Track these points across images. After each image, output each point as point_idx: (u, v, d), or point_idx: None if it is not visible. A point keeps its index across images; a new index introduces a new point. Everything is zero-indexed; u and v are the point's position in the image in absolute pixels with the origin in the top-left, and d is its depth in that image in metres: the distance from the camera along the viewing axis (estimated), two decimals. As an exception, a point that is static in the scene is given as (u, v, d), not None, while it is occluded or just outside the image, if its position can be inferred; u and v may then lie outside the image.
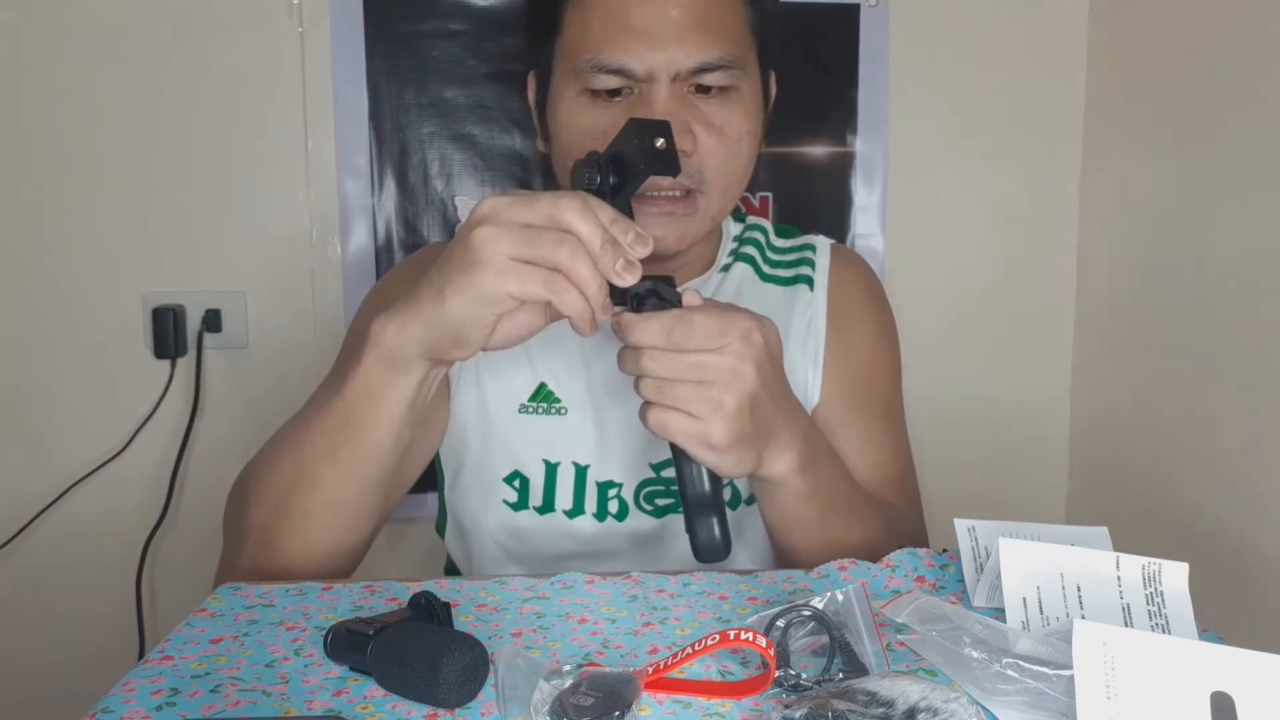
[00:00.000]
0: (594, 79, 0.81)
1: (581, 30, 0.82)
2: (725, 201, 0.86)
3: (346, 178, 1.34)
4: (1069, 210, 1.45)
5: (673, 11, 0.80)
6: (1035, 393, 1.48)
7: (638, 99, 0.81)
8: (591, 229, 0.61)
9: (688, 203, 0.83)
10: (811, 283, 0.96)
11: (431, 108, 1.34)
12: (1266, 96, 1.06)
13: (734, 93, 0.83)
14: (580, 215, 0.61)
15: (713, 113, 0.82)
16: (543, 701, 0.50)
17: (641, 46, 0.80)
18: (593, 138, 0.81)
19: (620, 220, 0.63)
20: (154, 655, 0.59)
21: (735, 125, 0.83)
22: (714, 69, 0.81)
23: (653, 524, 0.91)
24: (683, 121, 0.80)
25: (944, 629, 0.58)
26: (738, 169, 0.85)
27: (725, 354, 0.65)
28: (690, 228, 0.84)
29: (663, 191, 0.82)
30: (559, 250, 0.61)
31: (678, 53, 0.80)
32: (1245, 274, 1.09)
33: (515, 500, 0.90)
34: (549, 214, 0.62)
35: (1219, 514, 1.14)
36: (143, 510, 1.35)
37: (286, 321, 1.37)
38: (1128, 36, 1.34)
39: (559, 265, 0.61)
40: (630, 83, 0.81)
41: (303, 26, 1.32)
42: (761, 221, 1.01)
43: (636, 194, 0.82)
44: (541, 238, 0.61)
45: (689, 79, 0.81)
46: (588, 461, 0.90)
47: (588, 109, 0.82)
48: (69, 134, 1.31)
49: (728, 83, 0.82)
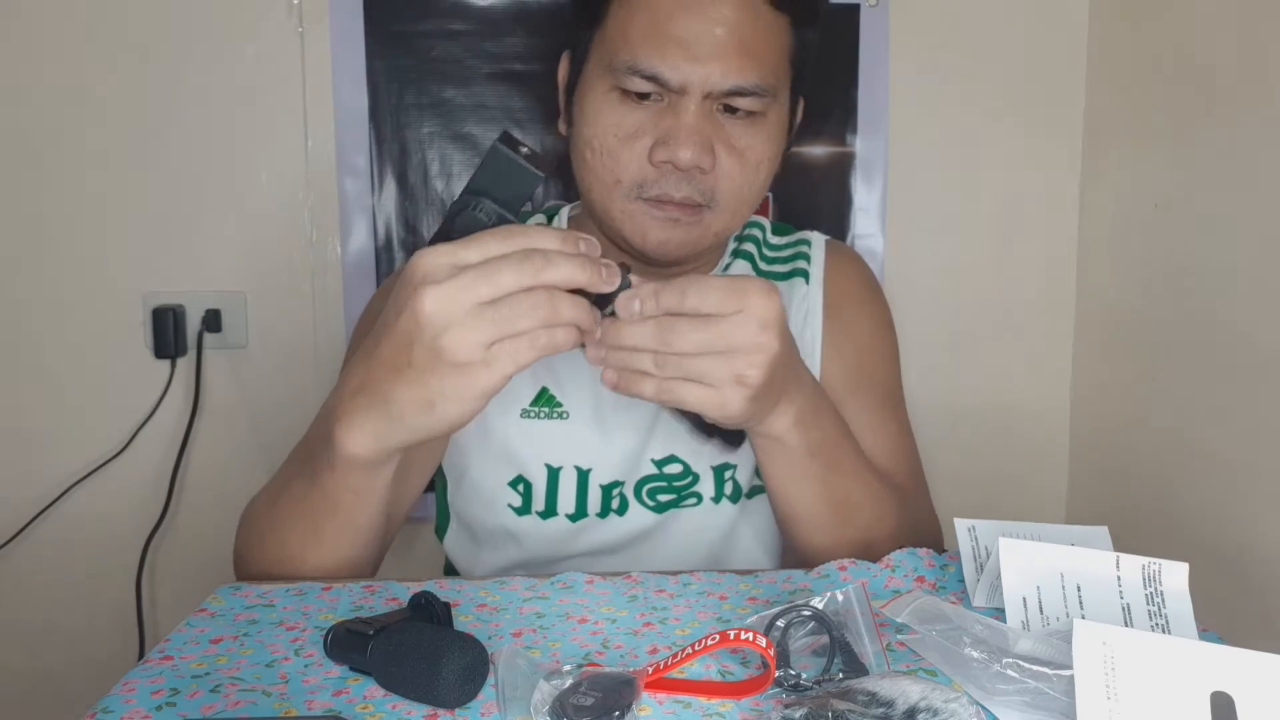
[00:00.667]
0: (627, 80, 0.81)
1: (623, 28, 0.81)
2: (734, 220, 0.87)
3: (346, 178, 1.34)
4: (1069, 210, 1.45)
5: (718, 29, 0.79)
6: (1035, 393, 1.48)
7: (667, 108, 0.81)
8: (561, 267, 0.58)
9: (695, 214, 0.83)
10: (807, 276, 0.96)
11: (431, 108, 1.34)
12: (1266, 96, 1.06)
13: (761, 119, 0.83)
14: (533, 258, 0.57)
15: (736, 135, 0.82)
16: (543, 701, 0.50)
17: (680, 58, 0.79)
18: (616, 135, 0.81)
19: (565, 236, 0.59)
20: (154, 655, 0.59)
21: (757, 150, 0.83)
22: (747, 94, 0.81)
23: (653, 519, 0.91)
24: (706, 138, 0.80)
25: (944, 629, 0.58)
26: (752, 193, 0.86)
27: (747, 320, 0.62)
28: (695, 237, 0.85)
29: (675, 199, 0.82)
30: (535, 312, 0.57)
31: (715, 71, 0.79)
32: (1245, 274, 1.09)
33: (519, 505, 0.90)
34: (497, 255, 0.58)
35: (1219, 514, 1.14)
36: (143, 510, 1.35)
37: (286, 321, 1.37)
38: (1128, 36, 1.34)
39: (543, 323, 0.58)
40: (662, 90, 0.80)
41: (303, 26, 1.32)
42: (759, 219, 1.02)
43: (648, 196, 0.82)
44: (511, 306, 0.57)
45: (721, 98, 0.81)
46: (590, 465, 0.90)
47: (616, 107, 0.82)
48: (68, 134, 1.31)
49: (758, 109, 0.82)
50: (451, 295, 0.57)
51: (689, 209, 0.83)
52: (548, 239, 0.59)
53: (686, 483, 0.91)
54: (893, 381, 0.98)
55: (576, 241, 0.59)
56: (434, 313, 0.58)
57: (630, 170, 0.82)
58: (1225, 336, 1.13)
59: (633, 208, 0.83)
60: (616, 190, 0.83)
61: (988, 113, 1.43)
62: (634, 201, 0.83)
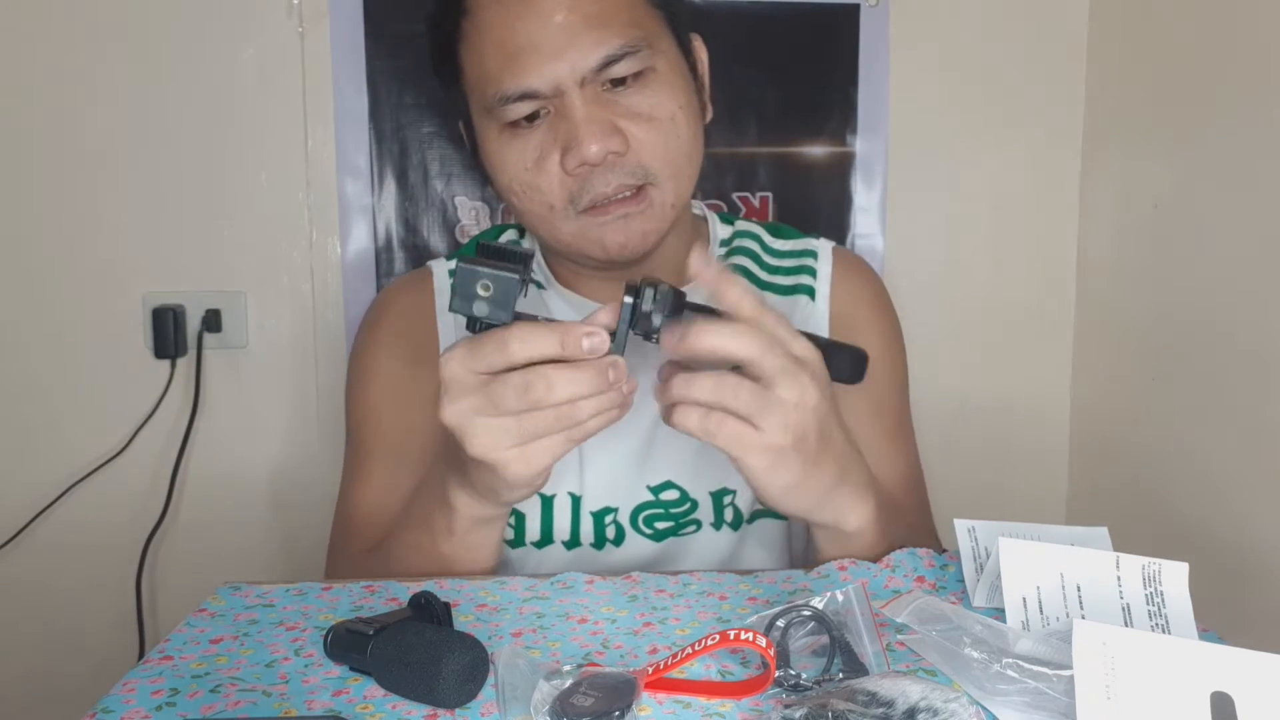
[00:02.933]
0: (505, 111, 0.78)
1: (479, 67, 0.80)
2: (680, 186, 0.82)
3: (346, 178, 1.34)
4: (1069, 210, 1.45)
5: (557, 17, 0.76)
6: (1035, 392, 1.48)
7: (556, 116, 0.78)
8: (561, 389, 0.60)
9: (639, 199, 0.80)
10: (813, 293, 0.93)
11: (431, 108, 1.34)
12: (1267, 96, 1.06)
13: (651, 74, 0.79)
14: (536, 387, 0.59)
15: (634, 102, 0.79)
16: (543, 701, 0.50)
17: (537, 63, 0.76)
18: (525, 168, 0.79)
19: (568, 336, 0.60)
20: (154, 655, 0.60)
21: (663, 106, 0.80)
22: (618, 59, 0.77)
23: (652, 548, 0.88)
24: (605, 122, 0.77)
25: (944, 629, 0.58)
26: (680, 149, 0.81)
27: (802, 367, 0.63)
28: (649, 224, 0.81)
29: (611, 196, 0.79)
30: (556, 424, 0.61)
31: (575, 56, 0.76)
32: (1246, 273, 1.09)
33: (512, 538, 0.88)
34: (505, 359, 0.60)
35: (1219, 514, 1.14)
36: (143, 510, 1.35)
37: (286, 321, 1.37)
38: (1128, 36, 1.34)
39: (564, 428, 0.61)
40: (542, 103, 0.78)
41: (303, 26, 1.32)
42: (753, 227, 0.98)
43: (586, 207, 0.79)
44: (532, 421, 0.60)
45: (597, 78, 0.78)
46: (582, 491, 0.87)
47: (511, 141, 0.80)
48: (68, 134, 1.31)
49: (640, 67, 0.79)
50: (463, 411, 0.61)
51: (632, 199, 0.80)
52: (549, 342, 0.60)
53: (685, 509, 0.88)
54: (901, 406, 0.96)
55: (580, 340, 0.60)
56: (455, 425, 0.62)
57: (555, 191, 0.79)
58: (1225, 336, 1.13)
59: (578, 226, 0.81)
60: (554, 216, 0.81)
61: (988, 113, 1.43)
62: (576, 220, 0.80)
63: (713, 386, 0.61)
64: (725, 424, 0.62)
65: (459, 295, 0.59)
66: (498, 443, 0.61)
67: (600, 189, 0.78)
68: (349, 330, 1.36)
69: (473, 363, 0.61)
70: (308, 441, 1.38)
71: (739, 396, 0.61)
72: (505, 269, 0.59)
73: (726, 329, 0.62)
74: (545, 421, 0.60)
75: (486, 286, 0.59)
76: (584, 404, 0.60)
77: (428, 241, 1.36)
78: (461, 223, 1.36)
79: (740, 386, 0.61)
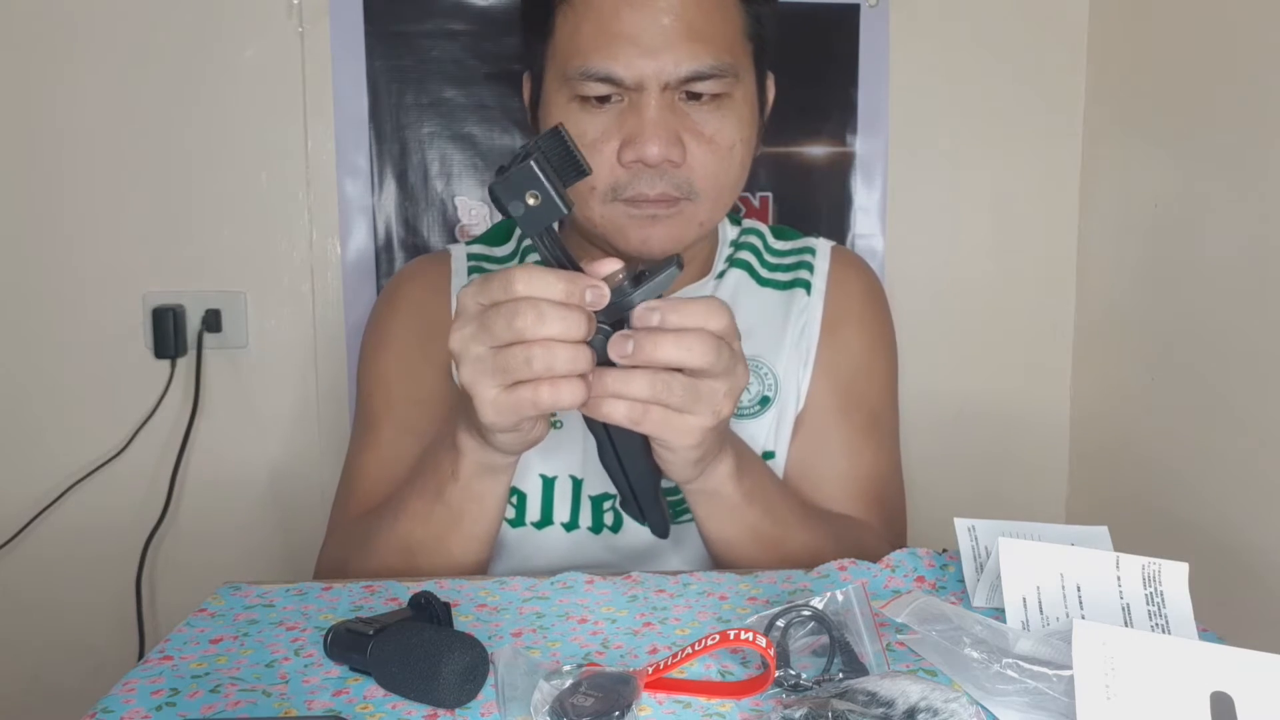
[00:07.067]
0: (583, 86, 0.80)
1: (572, 36, 0.81)
2: (716, 209, 0.85)
3: (346, 178, 1.34)
4: (1069, 210, 1.45)
5: (664, 19, 0.78)
6: (1035, 392, 1.48)
7: (628, 107, 0.80)
8: (552, 324, 0.58)
9: (671, 206, 0.82)
10: (809, 287, 0.95)
11: (431, 108, 1.34)
12: (1266, 96, 1.06)
13: (726, 100, 0.82)
14: (525, 313, 0.58)
15: (704, 121, 0.81)
16: (543, 701, 0.50)
17: (631, 54, 0.78)
18: (583, 144, 0.80)
19: (572, 285, 0.59)
20: (154, 655, 0.60)
21: (727, 134, 0.82)
22: (706, 78, 0.80)
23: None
24: (672, 131, 0.80)
25: (944, 629, 0.58)
26: (729, 178, 0.84)
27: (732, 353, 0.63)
28: (679, 232, 0.83)
29: (652, 198, 0.81)
30: (529, 365, 0.59)
31: (668, 61, 0.78)
32: (1245, 273, 1.09)
33: (513, 517, 0.89)
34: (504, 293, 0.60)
35: (1219, 514, 1.14)
36: (143, 510, 1.35)
37: (286, 321, 1.37)
38: (1128, 36, 1.34)
39: (540, 375, 0.59)
40: (619, 90, 0.80)
41: (303, 26, 1.32)
42: (758, 225, 1.00)
43: (626, 196, 0.81)
44: (508, 357, 0.59)
45: (680, 87, 0.80)
46: (583, 474, 0.89)
47: (578, 115, 0.81)
48: (68, 134, 1.31)
49: (720, 90, 0.81)
50: (463, 337, 0.61)
51: (666, 202, 0.82)
52: (551, 286, 0.59)
53: (681, 498, 0.89)
54: (881, 404, 0.96)
55: (584, 291, 0.59)
56: (454, 351, 0.62)
57: (602, 175, 0.81)
58: (1225, 336, 1.13)
59: (611, 211, 0.82)
60: (593, 197, 0.82)
61: (988, 113, 1.43)
62: (611, 205, 0.82)
63: (648, 385, 0.61)
64: (651, 411, 0.62)
65: (510, 184, 0.59)
66: (479, 375, 0.61)
67: (644, 189, 0.81)
68: (349, 330, 1.36)
69: (480, 295, 0.61)
70: (308, 442, 1.38)
71: (673, 392, 0.61)
72: (559, 195, 0.59)
73: (679, 345, 0.61)
74: (520, 360, 0.59)
75: (536, 197, 0.59)
76: (560, 351, 0.59)
77: (428, 241, 1.36)
78: (462, 223, 1.36)
79: (674, 381, 0.61)
